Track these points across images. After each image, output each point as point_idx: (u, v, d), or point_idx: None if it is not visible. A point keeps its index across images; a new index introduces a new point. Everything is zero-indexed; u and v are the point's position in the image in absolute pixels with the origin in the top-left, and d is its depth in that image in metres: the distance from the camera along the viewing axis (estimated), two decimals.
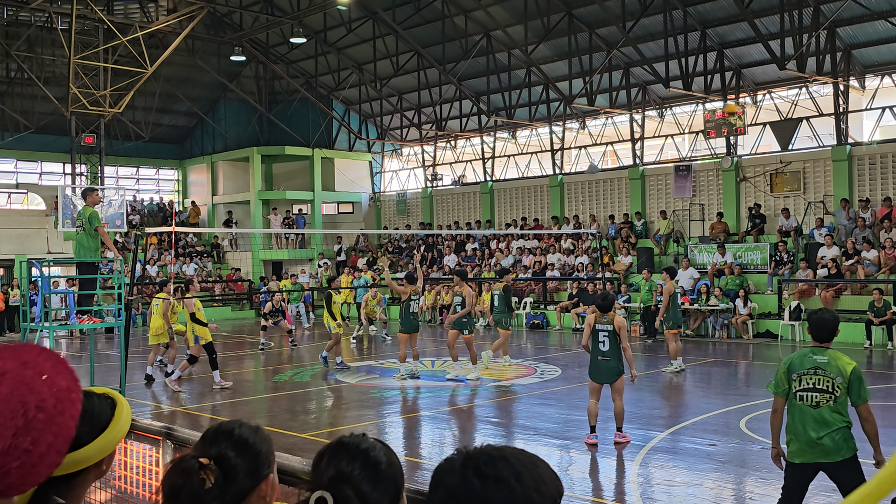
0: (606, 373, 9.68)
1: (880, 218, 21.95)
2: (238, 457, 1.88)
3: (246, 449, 1.90)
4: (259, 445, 1.93)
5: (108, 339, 23.81)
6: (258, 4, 31.58)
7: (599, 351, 9.71)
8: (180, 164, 40.11)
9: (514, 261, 28.42)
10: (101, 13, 29.08)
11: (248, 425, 1.98)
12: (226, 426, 1.95)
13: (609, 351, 9.65)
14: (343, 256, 34.20)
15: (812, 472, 5.68)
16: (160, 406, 13.06)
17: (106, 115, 30.95)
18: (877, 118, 23.86)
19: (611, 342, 9.65)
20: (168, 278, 21.91)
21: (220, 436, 1.92)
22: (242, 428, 1.95)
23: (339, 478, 1.74)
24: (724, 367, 16.28)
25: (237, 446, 1.89)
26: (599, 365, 9.71)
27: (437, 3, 28.29)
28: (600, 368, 9.70)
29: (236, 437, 1.91)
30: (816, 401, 5.56)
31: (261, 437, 1.95)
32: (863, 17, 22.03)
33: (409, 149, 37.10)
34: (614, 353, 9.66)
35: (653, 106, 27.94)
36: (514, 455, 1.55)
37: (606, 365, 9.66)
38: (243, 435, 1.92)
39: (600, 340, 9.70)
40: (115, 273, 13.02)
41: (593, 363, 9.77)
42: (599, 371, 9.72)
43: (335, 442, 1.83)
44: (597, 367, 9.73)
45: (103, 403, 2.06)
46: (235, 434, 1.92)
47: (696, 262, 23.86)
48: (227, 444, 1.89)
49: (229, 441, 1.90)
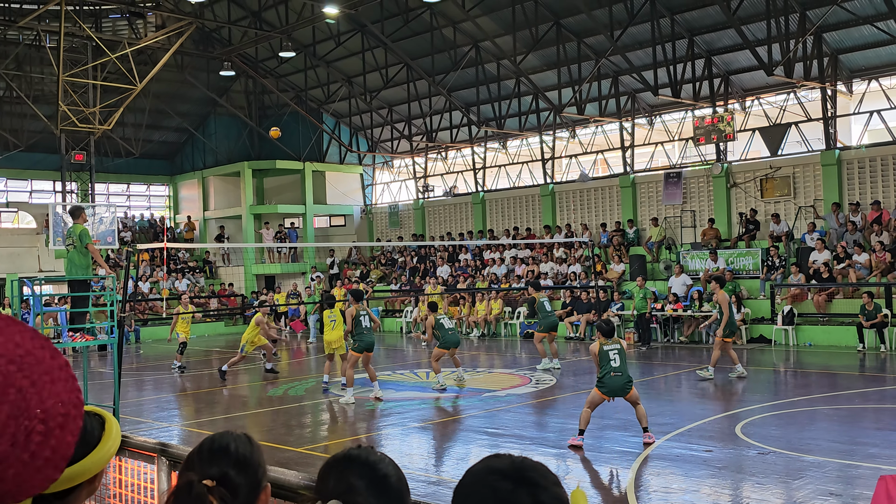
0: (621, 386, 10.10)
1: (870, 221, 22.04)
2: (240, 475, 1.87)
3: (246, 466, 1.90)
4: (257, 459, 1.93)
5: (101, 356, 23.72)
6: (247, 19, 31.63)
7: (611, 367, 10.13)
8: (171, 180, 40.05)
9: (506, 270, 28.44)
10: (89, 30, 29.08)
11: (242, 438, 1.96)
12: (220, 441, 1.94)
13: (620, 366, 10.13)
14: (336, 269, 34.17)
15: None
16: (154, 423, 13.00)
17: (96, 132, 30.92)
18: (865, 122, 23.98)
19: (621, 358, 10.16)
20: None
21: (218, 453, 1.90)
22: (238, 443, 1.94)
23: (349, 490, 1.73)
24: (718, 372, 16.27)
25: (237, 464, 1.88)
26: (613, 380, 10.10)
27: (426, 14, 28.37)
28: (615, 383, 10.09)
29: (234, 455, 1.90)
30: None
31: (256, 450, 1.95)
32: (849, 22, 22.16)
33: (400, 161, 37.13)
34: (624, 367, 10.18)
35: (642, 114, 28.04)
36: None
37: (620, 379, 10.10)
38: (240, 451, 1.91)
39: (611, 358, 10.16)
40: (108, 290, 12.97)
41: (606, 379, 10.13)
42: (614, 385, 10.10)
43: (343, 454, 1.82)
44: (611, 382, 10.10)
45: (93, 421, 2.06)
46: (232, 450, 1.91)
47: (688, 268, 23.91)
48: (227, 463, 1.88)
49: (228, 459, 1.89)
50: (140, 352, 25.27)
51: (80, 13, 29.60)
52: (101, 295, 20.84)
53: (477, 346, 23.38)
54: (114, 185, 38.31)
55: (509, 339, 25.28)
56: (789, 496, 7.76)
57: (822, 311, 20.70)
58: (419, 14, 28.32)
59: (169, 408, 14.37)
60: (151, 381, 18.30)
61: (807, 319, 20.90)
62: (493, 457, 1.61)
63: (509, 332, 25.97)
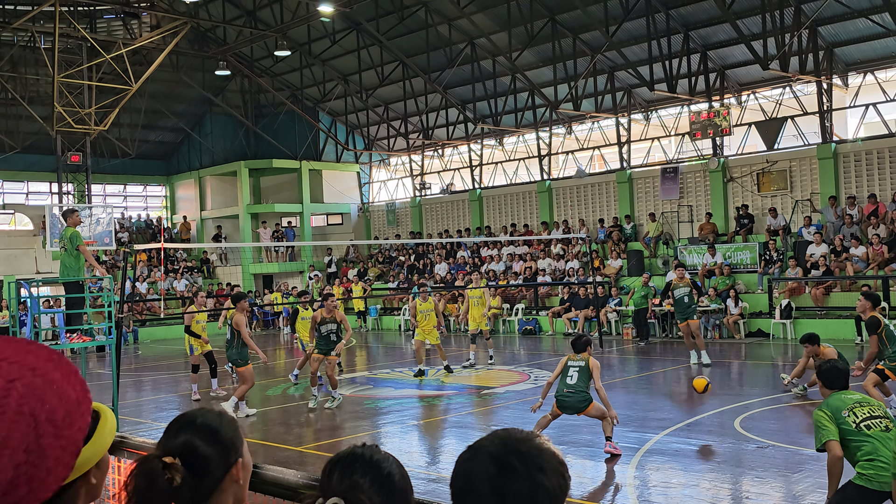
0: (573, 405, 9.30)
1: (867, 214, 22.07)
2: (209, 446, 1.81)
3: (215, 435, 1.84)
4: (228, 432, 1.87)
5: (99, 357, 23.70)
6: (242, 18, 31.58)
7: (565, 384, 9.35)
8: (168, 180, 40.01)
9: (504, 267, 28.43)
10: (83, 31, 29.04)
11: (212, 411, 1.92)
12: (188, 416, 1.89)
13: (575, 384, 9.28)
14: (333, 268, 34.15)
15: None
16: (153, 423, 12.99)
17: (91, 133, 30.87)
18: (860, 115, 24.00)
19: (580, 376, 9.32)
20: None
21: (184, 426, 1.85)
22: (206, 415, 1.89)
23: (353, 488, 1.71)
24: (716, 367, 16.29)
25: (204, 434, 1.83)
26: (567, 397, 9.31)
27: (421, 12, 28.35)
28: (567, 400, 9.31)
29: (201, 425, 1.85)
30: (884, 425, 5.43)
31: (227, 423, 1.89)
32: (843, 16, 22.18)
33: (397, 158, 37.11)
34: (582, 385, 9.30)
35: (638, 109, 28.04)
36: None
37: (574, 397, 9.27)
38: (207, 421, 1.86)
39: (569, 374, 9.37)
40: (105, 291, 12.96)
41: (559, 395, 9.40)
42: (566, 403, 9.34)
43: (347, 452, 1.81)
44: (563, 399, 9.35)
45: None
46: (199, 422, 1.86)
47: (686, 263, 23.91)
48: (193, 434, 1.82)
49: (194, 430, 1.84)
50: (138, 352, 25.25)
51: (75, 14, 29.56)
52: (98, 296, 20.84)
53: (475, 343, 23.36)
54: (110, 186, 38.26)
55: (508, 335, 25.28)
56: (788, 490, 7.77)
57: (819, 305, 20.72)
58: (414, 11, 28.30)
59: (168, 408, 14.36)
60: (150, 382, 18.29)
61: (805, 313, 20.93)
62: (491, 434, 1.63)
63: (508, 328, 25.97)
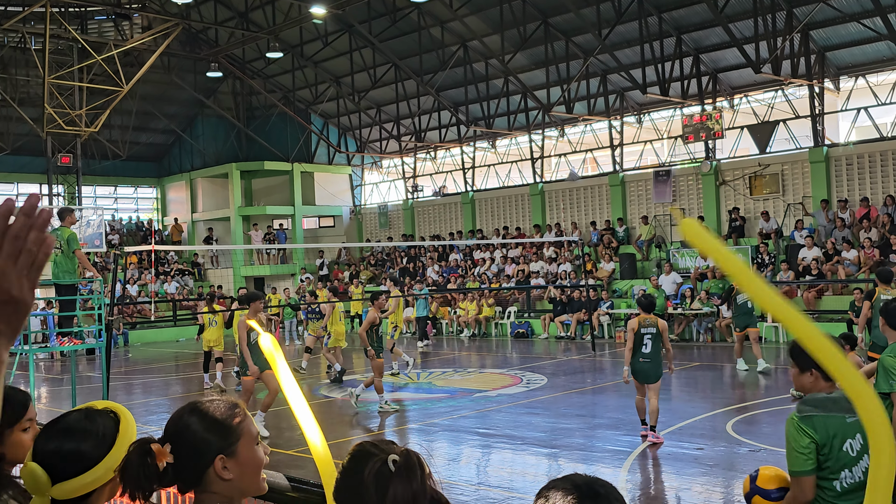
0: (652, 373, 9.84)
1: (859, 218, 22.12)
2: (208, 432, 1.94)
3: (216, 423, 1.96)
4: (226, 423, 1.98)
5: (88, 360, 23.57)
6: (233, 20, 31.50)
7: (641, 353, 9.83)
8: (159, 182, 39.86)
9: (497, 270, 28.40)
10: (74, 32, 28.90)
11: (214, 399, 2.04)
12: (188, 406, 2.03)
13: (650, 352, 9.81)
14: (325, 270, 34.08)
15: None
16: (143, 426, 12.90)
17: (82, 134, 30.72)
18: (852, 119, 24.06)
19: (653, 343, 9.81)
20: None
21: (185, 410, 2.01)
22: (199, 404, 2.02)
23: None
24: (709, 370, 16.29)
25: (202, 419, 1.97)
26: (642, 366, 9.84)
27: (413, 14, 28.31)
28: (643, 369, 9.85)
29: (199, 413, 1.98)
30: None
31: (227, 413, 2.00)
32: (835, 20, 22.23)
33: (389, 161, 37.06)
34: (656, 354, 9.81)
35: (631, 112, 28.06)
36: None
37: (650, 366, 9.82)
38: (212, 411, 1.98)
39: (644, 343, 9.82)
40: (95, 293, 12.87)
41: (637, 365, 9.87)
42: (642, 371, 9.85)
43: (357, 448, 1.92)
44: (640, 367, 9.86)
45: (106, 420, 2.13)
46: (199, 407, 2.00)
47: (678, 266, 23.93)
48: (190, 418, 1.97)
49: (189, 413, 1.99)
50: (128, 355, 25.13)
51: (66, 15, 29.43)
52: (88, 298, 20.73)
53: (468, 346, 23.35)
54: (101, 188, 38.09)
55: (500, 339, 25.26)
56: None
57: (811, 308, 20.74)
58: (407, 14, 28.27)
59: (158, 411, 14.27)
60: (140, 385, 18.19)
61: None
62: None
63: (500, 332, 25.95)
